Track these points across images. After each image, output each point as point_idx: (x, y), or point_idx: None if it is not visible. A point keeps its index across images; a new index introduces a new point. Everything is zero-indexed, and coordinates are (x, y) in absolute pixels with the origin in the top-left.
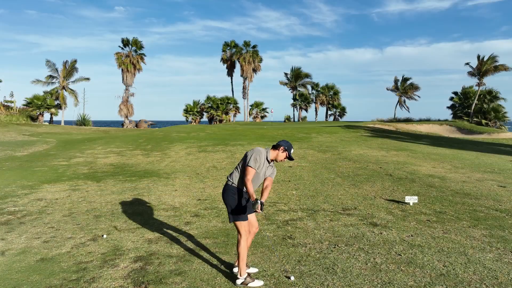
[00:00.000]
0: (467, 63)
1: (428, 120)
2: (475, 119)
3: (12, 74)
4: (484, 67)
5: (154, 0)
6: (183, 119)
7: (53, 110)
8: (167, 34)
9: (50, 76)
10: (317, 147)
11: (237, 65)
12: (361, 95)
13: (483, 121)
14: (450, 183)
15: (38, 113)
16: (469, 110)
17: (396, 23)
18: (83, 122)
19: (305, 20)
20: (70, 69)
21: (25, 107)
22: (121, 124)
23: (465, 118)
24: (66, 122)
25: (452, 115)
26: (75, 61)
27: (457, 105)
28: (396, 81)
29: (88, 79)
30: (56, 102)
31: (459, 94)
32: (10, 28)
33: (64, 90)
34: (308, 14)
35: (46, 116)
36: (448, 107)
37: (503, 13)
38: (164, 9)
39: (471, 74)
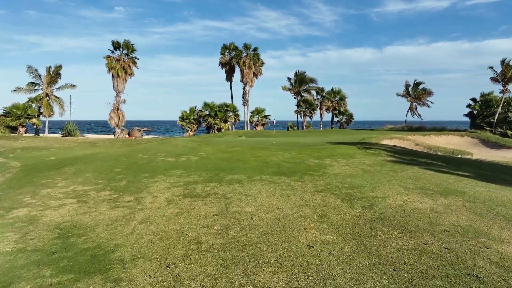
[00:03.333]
0: (491, 67)
1: (444, 129)
2: (499, 129)
3: (12, 74)
4: (510, 73)
5: (154, 1)
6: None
7: (34, 120)
8: (167, 34)
9: (32, 83)
10: (338, 189)
11: (237, 69)
12: (360, 95)
13: (509, 132)
14: None
15: (18, 123)
16: (491, 120)
17: (395, 23)
18: (69, 132)
19: (304, 20)
20: (54, 75)
21: (2, 117)
22: (113, 132)
23: (487, 128)
24: (59, 124)
25: (470, 124)
26: (60, 66)
27: (475, 112)
28: (407, 86)
29: (74, 86)
30: (41, 110)
31: (478, 101)
32: (11, 28)
33: (48, 98)
34: (307, 14)
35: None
36: (465, 115)
37: (502, 13)
38: (163, 9)
39: (494, 80)
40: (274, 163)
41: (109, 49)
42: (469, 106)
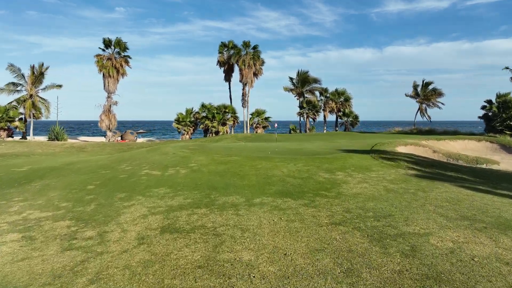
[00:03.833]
0: (507, 68)
1: (457, 132)
2: None
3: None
4: None
5: (154, 1)
6: None
7: (17, 123)
8: (167, 34)
9: (13, 83)
10: (361, 219)
11: (236, 68)
12: (360, 95)
13: None
14: None
15: None
16: (511, 123)
17: (395, 23)
18: (56, 136)
19: (304, 20)
20: (39, 74)
21: None
22: (104, 135)
23: (508, 132)
24: (50, 124)
25: (486, 127)
26: (42, 64)
27: (490, 114)
28: (415, 86)
29: (60, 86)
30: (22, 114)
31: (494, 102)
32: (11, 28)
33: (32, 99)
34: (307, 14)
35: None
36: (480, 117)
37: (501, 13)
38: (164, 9)
39: None
40: (278, 179)
41: (99, 47)
42: (484, 108)
